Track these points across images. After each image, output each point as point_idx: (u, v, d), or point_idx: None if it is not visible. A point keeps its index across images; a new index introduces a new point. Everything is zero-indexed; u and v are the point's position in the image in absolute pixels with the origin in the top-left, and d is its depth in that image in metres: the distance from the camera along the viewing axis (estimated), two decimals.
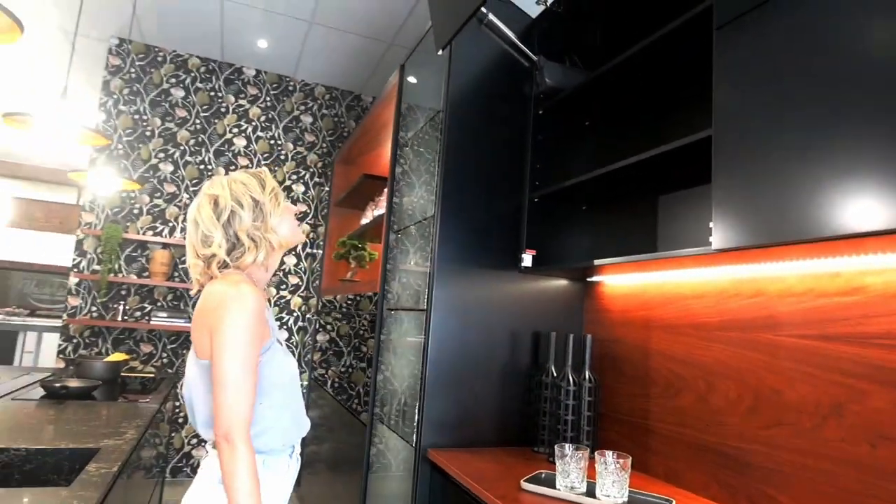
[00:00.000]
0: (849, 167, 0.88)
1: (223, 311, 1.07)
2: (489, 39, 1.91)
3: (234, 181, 1.19)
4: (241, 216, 1.15)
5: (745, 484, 1.30)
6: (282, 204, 1.22)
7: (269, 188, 1.20)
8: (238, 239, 1.15)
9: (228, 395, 1.04)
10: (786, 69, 1.02)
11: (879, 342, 1.07)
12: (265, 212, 1.17)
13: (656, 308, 1.64)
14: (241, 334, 1.06)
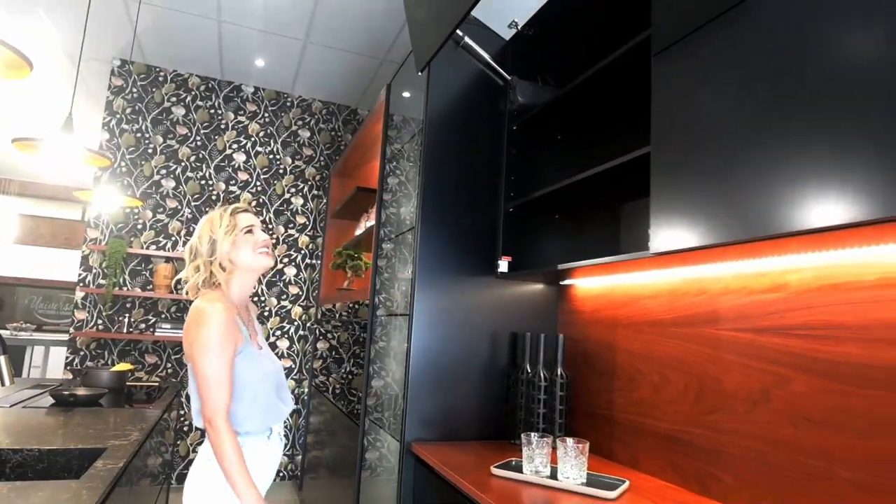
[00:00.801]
0: (765, 179, 1.00)
1: (196, 324, 1.37)
2: (466, 60, 2.06)
3: (206, 221, 1.52)
4: (199, 251, 1.49)
5: (693, 466, 1.42)
6: (236, 236, 1.49)
7: (225, 225, 1.49)
8: (197, 268, 1.48)
9: (207, 389, 1.34)
10: (710, 94, 1.15)
11: (798, 333, 1.20)
12: (218, 245, 1.48)
13: (620, 308, 1.77)
14: (213, 341, 1.35)
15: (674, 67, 1.24)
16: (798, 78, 0.96)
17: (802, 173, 0.92)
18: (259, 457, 1.46)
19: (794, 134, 0.95)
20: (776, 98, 1.00)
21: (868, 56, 0.86)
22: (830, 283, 1.15)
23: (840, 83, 0.89)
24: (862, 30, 0.87)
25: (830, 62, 0.91)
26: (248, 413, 1.44)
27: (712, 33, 1.15)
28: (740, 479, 1.30)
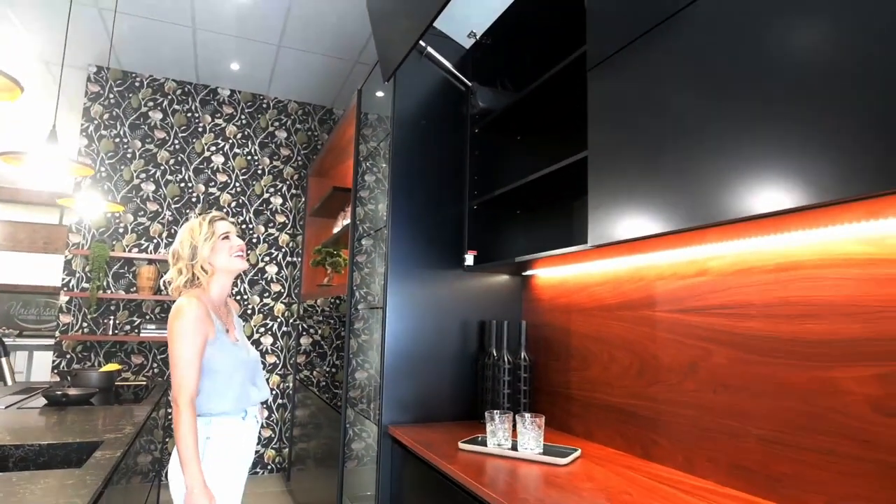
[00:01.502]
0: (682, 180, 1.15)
1: (173, 317, 1.57)
2: (430, 68, 2.19)
3: (187, 228, 1.72)
4: (181, 255, 1.69)
5: (637, 434, 1.60)
6: (215, 242, 1.69)
7: (204, 232, 1.69)
8: (180, 271, 1.69)
9: (175, 372, 1.53)
10: (635, 105, 1.31)
11: (718, 312, 1.37)
12: (198, 250, 1.67)
13: (574, 295, 1.93)
14: (184, 329, 1.54)
15: (606, 81, 1.40)
16: (702, 96, 1.12)
17: (712, 175, 1.08)
18: (235, 435, 1.66)
19: (703, 142, 1.11)
20: (689, 111, 1.15)
21: (769, 81, 1.02)
22: (742, 268, 1.33)
23: (737, 100, 1.05)
24: (764, 63, 1.03)
25: (731, 81, 1.07)
26: (222, 395, 1.63)
27: (639, 51, 1.30)
28: (675, 441, 1.48)
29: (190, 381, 1.53)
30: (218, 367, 1.62)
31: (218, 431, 1.62)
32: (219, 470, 1.60)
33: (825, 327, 1.14)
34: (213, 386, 1.61)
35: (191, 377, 1.53)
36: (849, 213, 1.02)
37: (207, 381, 1.61)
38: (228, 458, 1.64)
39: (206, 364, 1.60)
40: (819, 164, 0.88)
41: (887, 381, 1.03)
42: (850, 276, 1.10)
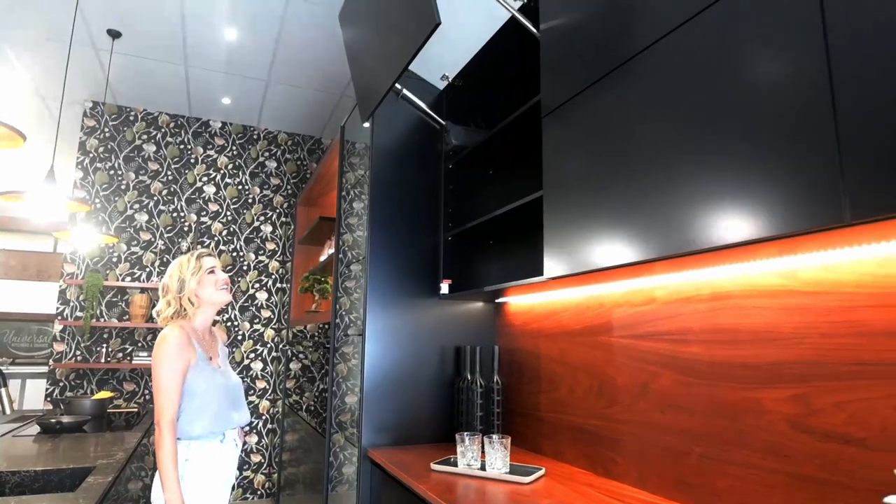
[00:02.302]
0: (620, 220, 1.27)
1: (157, 346, 1.72)
2: (406, 108, 2.34)
3: (177, 263, 1.87)
4: (170, 288, 1.84)
5: (598, 452, 1.71)
6: (201, 276, 1.84)
7: (192, 267, 1.84)
8: (168, 303, 1.83)
9: (158, 396, 1.67)
10: (581, 150, 1.44)
11: (664, 337, 1.49)
12: (185, 283, 1.82)
13: (542, 321, 2.05)
14: (165, 357, 1.68)
15: (557, 128, 1.54)
16: (643, 143, 1.25)
17: (642, 218, 1.20)
18: (213, 457, 1.76)
19: (637, 185, 1.24)
20: (627, 157, 1.29)
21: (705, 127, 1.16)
22: (683, 297, 1.45)
23: (671, 151, 1.18)
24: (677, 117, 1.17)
25: (666, 132, 1.21)
26: (200, 417, 1.73)
27: (585, 102, 1.44)
28: (629, 459, 1.58)
29: (170, 405, 1.65)
30: (196, 389, 1.73)
31: (196, 454, 1.72)
32: (197, 491, 1.70)
33: (750, 352, 1.26)
34: (192, 408, 1.72)
35: (171, 401, 1.65)
36: (767, 250, 1.15)
37: (186, 404, 1.72)
38: (207, 479, 1.74)
39: (187, 387, 1.72)
40: (738, 209, 1.01)
41: (800, 401, 1.15)
42: (768, 306, 1.23)
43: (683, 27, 1.14)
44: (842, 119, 0.84)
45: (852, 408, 1.05)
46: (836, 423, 1.08)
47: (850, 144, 0.83)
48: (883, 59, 0.79)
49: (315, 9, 3.12)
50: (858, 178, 0.81)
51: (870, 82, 0.81)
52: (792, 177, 0.91)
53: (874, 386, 1.02)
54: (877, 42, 0.81)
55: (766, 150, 0.95)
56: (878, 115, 0.79)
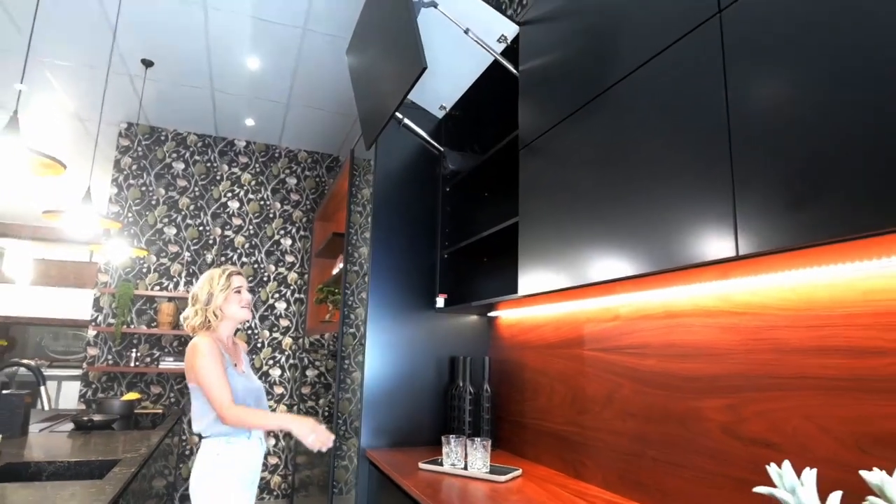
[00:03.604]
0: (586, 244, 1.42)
1: (194, 354, 1.91)
2: (407, 136, 2.53)
3: (208, 276, 2.06)
4: (199, 298, 2.03)
5: (571, 456, 1.85)
6: (228, 293, 2.03)
7: (221, 284, 2.02)
8: (196, 311, 2.01)
9: (212, 391, 1.87)
10: (551, 180, 1.61)
11: (626, 351, 1.64)
12: (213, 297, 2.01)
13: (528, 333, 2.21)
14: (208, 359, 1.89)
15: (532, 160, 1.71)
16: (603, 174, 1.41)
17: (604, 242, 1.35)
18: (241, 452, 1.95)
19: (589, 219, 1.39)
20: (588, 188, 1.44)
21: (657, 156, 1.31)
22: (642, 314, 1.60)
23: (619, 184, 1.34)
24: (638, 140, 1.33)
25: (629, 166, 1.37)
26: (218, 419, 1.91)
27: (556, 136, 1.61)
28: (595, 462, 1.73)
29: (225, 394, 1.86)
30: None
31: (226, 448, 1.91)
32: (227, 483, 1.89)
33: (695, 365, 1.40)
34: None
35: (225, 391, 1.86)
36: (707, 274, 1.30)
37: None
38: (235, 472, 1.92)
39: None
40: (674, 237, 1.16)
41: (731, 410, 1.28)
42: (709, 325, 1.37)
43: (632, 75, 1.30)
44: (736, 166, 0.99)
45: (771, 416, 1.19)
46: (758, 430, 1.22)
47: (742, 189, 0.98)
48: (769, 117, 0.95)
49: (329, 40, 3.36)
50: (746, 220, 0.96)
51: (757, 139, 0.96)
52: (699, 213, 1.06)
53: (787, 397, 1.16)
54: (768, 110, 0.96)
55: (680, 192, 1.11)
56: (765, 167, 0.95)
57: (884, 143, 0.77)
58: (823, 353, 1.10)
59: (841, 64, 0.84)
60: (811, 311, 1.14)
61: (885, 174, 0.77)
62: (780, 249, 0.91)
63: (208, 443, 1.95)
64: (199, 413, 1.95)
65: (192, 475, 1.95)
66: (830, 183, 0.84)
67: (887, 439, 0.99)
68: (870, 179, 0.79)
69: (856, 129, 0.81)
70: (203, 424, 1.94)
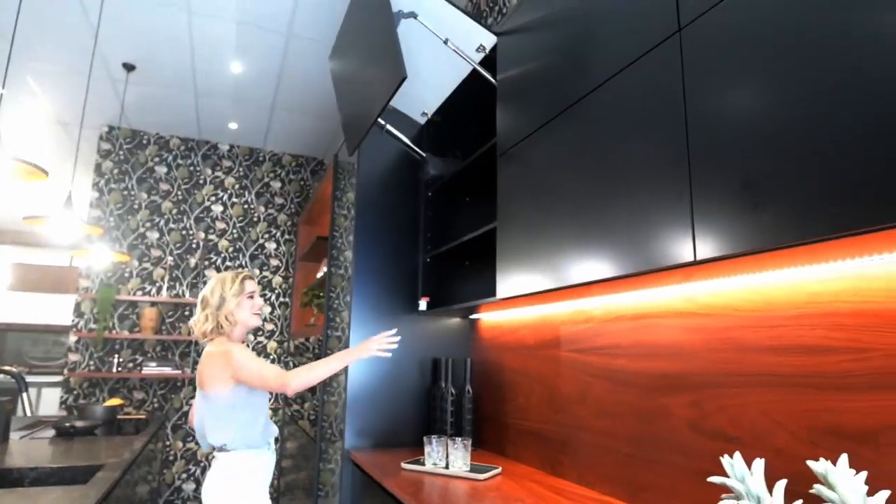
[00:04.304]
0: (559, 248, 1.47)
1: (231, 355, 1.82)
2: (389, 142, 2.58)
3: (219, 279, 1.94)
4: (210, 302, 1.92)
5: (549, 454, 1.91)
6: (241, 298, 1.93)
7: (234, 288, 1.92)
8: (206, 317, 1.90)
9: (265, 376, 1.82)
10: (527, 187, 1.66)
11: (599, 351, 1.70)
12: (225, 302, 1.90)
13: (507, 335, 2.26)
14: (242, 351, 1.85)
15: (509, 168, 1.77)
16: (577, 181, 1.47)
17: (577, 246, 1.41)
18: (262, 465, 1.88)
19: (561, 225, 1.45)
20: (562, 195, 1.50)
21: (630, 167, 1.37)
22: (614, 316, 1.66)
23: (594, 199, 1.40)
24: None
25: (605, 174, 1.42)
26: (250, 429, 1.85)
27: (532, 145, 1.67)
28: (572, 459, 1.78)
29: (276, 367, 1.85)
30: (248, 403, 1.85)
31: (254, 463, 1.84)
32: (252, 496, 1.82)
33: (662, 364, 1.46)
34: (244, 420, 1.83)
35: (273, 366, 1.85)
36: (673, 277, 1.36)
37: (243, 417, 1.83)
38: (259, 485, 1.85)
39: (239, 402, 1.82)
40: (643, 242, 1.22)
41: (696, 406, 1.35)
42: (676, 325, 1.44)
43: (603, 86, 1.36)
44: (694, 177, 1.06)
45: (731, 411, 1.26)
46: (720, 425, 1.28)
47: (699, 196, 1.04)
48: (722, 129, 1.01)
49: (313, 45, 3.39)
50: (702, 226, 1.03)
51: (711, 149, 1.03)
52: (664, 219, 1.12)
53: (746, 393, 1.23)
54: (723, 120, 1.02)
55: (648, 199, 1.17)
56: (717, 177, 1.01)
57: (824, 155, 0.84)
58: (778, 352, 1.17)
59: (786, 80, 0.91)
60: (768, 312, 1.21)
61: (824, 186, 0.84)
62: (732, 255, 0.97)
63: (235, 457, 1.83)
64: (223, 425, 1.82)
65: (215, 492, 1.82)
66: (775, 193, 0.90)
67: (834, 431, 1.06)
68: (811, 190, 0.85)
69: (799, 142, 0.88)
70: (227, 437, 1.82)
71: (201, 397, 1.85)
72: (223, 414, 1.82)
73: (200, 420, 1.87)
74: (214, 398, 1.81)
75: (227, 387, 1.81)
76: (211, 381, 1.81)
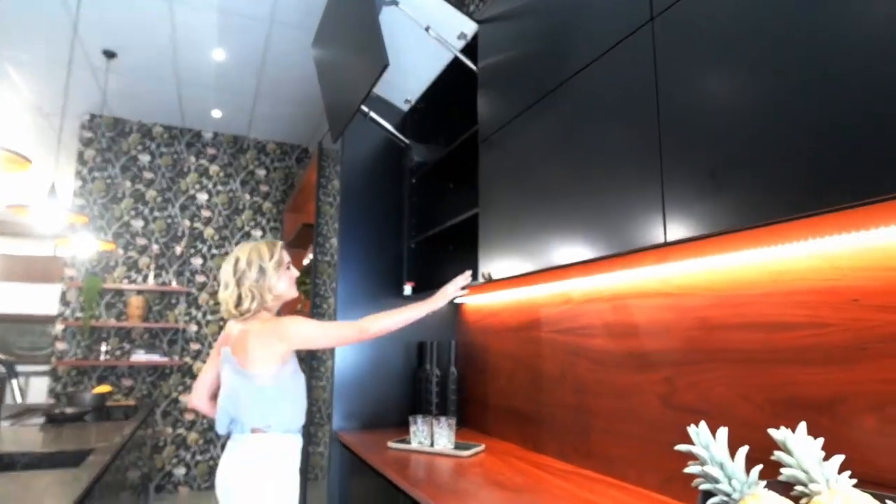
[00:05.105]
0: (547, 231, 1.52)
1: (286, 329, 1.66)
2: (373, 129, 2.60)
3: (253, 249, 1.72)
4: (248, 275, 1.68)
5: (530, 431, 1.97)
6: (281, 269, 1.73)
7: (276, 258, 1.72)
8: (248, 292, 1.67)
9: (337, 331, 1.74)
10: (507, 173, 1.70)
11: (578, 332, 1.76)
12: (267, 274, 1.69)
13: (490, 318, 2.32)
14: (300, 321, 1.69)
15: (490, 154, 1.80)
16: (540, 177, 1.51)
17: (556, 230, 1.45)
18: (297, 448, 1.73)
19: (549, 208, 1.50)
20: (539, 181, 1.54)
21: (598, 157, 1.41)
22: (591, 297, 1.72)
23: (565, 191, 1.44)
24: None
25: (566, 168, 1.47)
26: (293, 412, 1.71)
27: (512, 131, 1.70)
28: (552, 435, 1.85)
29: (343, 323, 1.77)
30: (294, 384, 1.71)
31: (294, 446, 1.71)
32: (290, 480, 1.68)
33: (637, 343, 1.52)
34: (289, 404, 1.69)
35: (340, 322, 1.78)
36: (649, 258, 1.41)
37: (288, 398, 1.68)
38: (294, 469, 1.71)
39: (286, 383, 1.67)
40: (619, 225, 1.27)
41: (667, 382, 1.41)
42: (650, 305, 1.49)
43: (580, 73, 1.40)
44: (665, 161, 1.10)
45: (700, 387, 1.32)
46: (690, 400, 1.35)
47: (669, 180, 1.09)
48: (691, 115, 1.06)
49: (297, 31, 3.38)
50: (672, 209, 1.08)
51: (680, 135, 1.07)
52: (639, 202, 1.17)
53: (712, 369, 1.29)
54: (695, 112, 1.07)
55: (624, 183, 1.22)
56: (686, 162, 1.06)
57: (784, 143, 0.89)
58: (743, 329, 1.23)
59: (752, 70, 0.96)
60: (734, 292, 1.27)
61: (781, 171, 0.89)
62: (699, 236, 1.02)
63: (275, 440, 1.65)
64: (267, 406, 1.64)
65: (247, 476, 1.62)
66: (738, 178, 0.95)
67: (795, 402, 1.12)
68: (769, 176, 0.90)
69: (761, 130, 0.93)
70: (270, 419, 1.65)
71: (239, 377, 1.64)
72: (268, 395, 1.64)
73: (233, 400, 1.65)
74: (259, 378, 1.62)
75: (275, 366, 1.65)
76: (258, 360, 1.63)
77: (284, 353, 1.67)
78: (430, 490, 1.44)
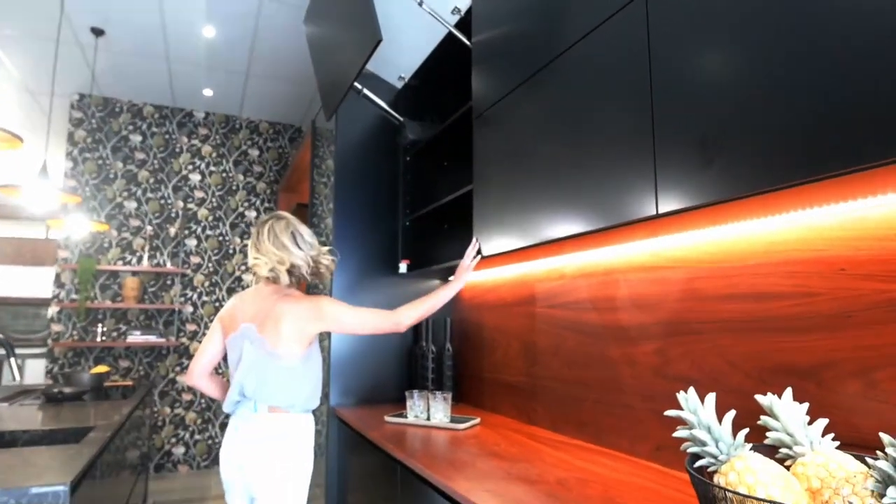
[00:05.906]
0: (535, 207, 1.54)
1: (323, 309, 1.67)
2: (367, 106, 2.59)
3: (292, 225, 1.74)
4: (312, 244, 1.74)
5: (524, 404, 2.01)
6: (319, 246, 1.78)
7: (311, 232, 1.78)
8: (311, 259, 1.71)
9: (373, 319, 1.74)
10: (502, 149, 1.71)
11: (570, 306, 1.78)
12: (314, 246, 1.76)
13: (486, 294, 2.34)
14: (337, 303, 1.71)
15: (485, 130, 1.81)
16: (549, 143, 1.52)
17: (551, 204, 1.47)
18: (312, 429, 1.74)
19: (543, 182, 1.51)
20: (531, 157, 1.55)
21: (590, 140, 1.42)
22: (583, 273, 1.74)
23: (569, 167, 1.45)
24: None
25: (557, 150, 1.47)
26: (315, 390, 1.72)
27: (506, 107, 1.70)
28: (545, 407, 1.89)
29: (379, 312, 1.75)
30: (317, 364, 1.73)
31: (310, 427, 1.72)
32: (308, 461, 1.68)
33: (628, 315, 1.55)
34: (314, 385, 1.71)
35: (376, 311, 1.75)
36: (640, 232, 1.43)
37: (313, 378, 1.68)
38: (311, 448, 1.72)
39: (312, 362, 1.67)
40: (614, 198, 1.28)
41: (660, 353, 1.44)
42: (641, 279, 1.51)
43: (574, 47, 1.40)
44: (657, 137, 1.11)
45: (692, 356, 1.35)
46: (682, 369, 1.37)
47: (661, 152, 1.10)
48: (683, 87, 1.06)
49: (288, 9, 3.33)
50: (664, 181, 1.09)
51: (673, 106, 1.08)
52: (632, 175, 1.18)
53: (704, 339, 1.31)
54: (685, 86, 1.08)
55: (617, 156, 1.23)
56: (678, 133, 1.07)
57: (774, 111, 0.90)
58: (733, 299, 1.25)
59: (743, 42, 0.96)
60: (726, 263, 1.29)
61: (770, 143, 0.90)
62: (690, 207, 1.04)
63: (297, 419, 1.66)
64: (294, 385, 1.63)
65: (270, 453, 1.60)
66: (728, 151, 0.96)
67: (782, 370, 1.15)
68: (757, 148, 0.92)
69: (751, 100, 0.94)
70: (302, 397, 1.65)
71: (266, 356, 1.61)
72: (296, 375, 1.62)
73: (255, 378, 1.61)
74: (287, 359, 1.60)
75: (305, 347, 1.64)
76: (290, 340, 1.61)
77: (315, 333, 1.66)
78: (427, 460, 1.48)
